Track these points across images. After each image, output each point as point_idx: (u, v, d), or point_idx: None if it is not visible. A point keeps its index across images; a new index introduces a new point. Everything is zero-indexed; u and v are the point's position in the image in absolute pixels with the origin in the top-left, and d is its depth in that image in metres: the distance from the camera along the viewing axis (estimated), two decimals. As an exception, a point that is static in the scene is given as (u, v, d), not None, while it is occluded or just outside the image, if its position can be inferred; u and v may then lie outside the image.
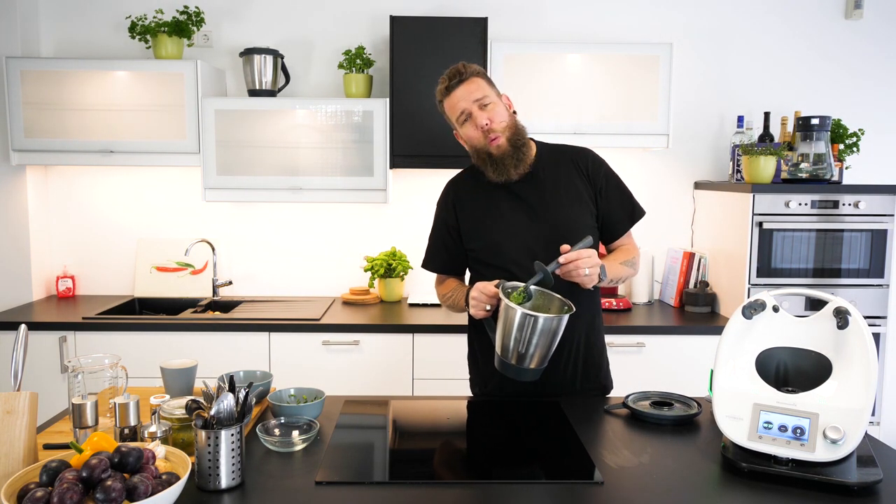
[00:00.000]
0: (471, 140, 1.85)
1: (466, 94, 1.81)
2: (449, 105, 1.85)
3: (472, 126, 1.82)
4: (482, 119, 1.80)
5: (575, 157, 1.92)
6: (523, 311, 1.56)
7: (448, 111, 1.87)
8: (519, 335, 1.58)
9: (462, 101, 1.81)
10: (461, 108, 1.81)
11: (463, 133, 1.87)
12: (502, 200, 1.87)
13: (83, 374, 1.57)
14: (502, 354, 1.63)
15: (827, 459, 1.31)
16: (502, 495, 1.30)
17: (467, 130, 1.84)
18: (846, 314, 1.37)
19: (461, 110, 1.82)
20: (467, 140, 1.87)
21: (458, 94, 1.82)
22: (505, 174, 1.82)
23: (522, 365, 1.62)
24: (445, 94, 1.84)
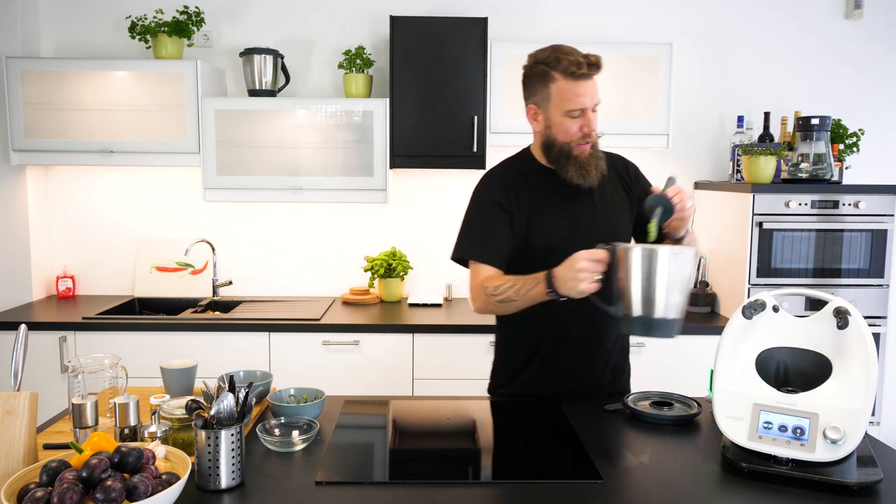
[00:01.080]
0: (565, 134, 1.70)
1: (592, 92, 1.68)
2: (569, 90, 1.66)
3: (577, 124, 1.69)
4: (593, 123, 1.69)
5: (616, 164, 1.89)
6: (673, 249, 1.43)
7: (558, 94, 1.67)
8: (665, 279, 1.43)
9: (586, 97, 1.67)
10: (582, 102, 1.67)
11: (559, 123, 1.70)
12: (563, 203, 1.77)
13: (83, 374, 1.57)
14: (645, 310, 1.47)
15: (827, 459, 1.31)
16: (502, 495, 1.30)
17: (568, 124, 1.69)
18: (846, 314, 1.37)
19: (581, 105, 1.67)
20: (559, 132, 1.71)
21: (587, 86, 1.67)
22: (587, 178, 1.73)
23: (669, 316, 1.47)
24: (572, 77, 1.65)
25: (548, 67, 1.68)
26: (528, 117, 1.79)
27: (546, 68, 1.68)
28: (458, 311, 3.11)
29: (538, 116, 1.76)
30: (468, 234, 1.82)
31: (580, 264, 1.51)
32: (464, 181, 3.40)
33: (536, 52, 1.73)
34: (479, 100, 3.00)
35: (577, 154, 1.72)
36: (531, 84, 1.74)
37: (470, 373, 2.86)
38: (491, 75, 3.00)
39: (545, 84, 1.70)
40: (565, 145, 1.72)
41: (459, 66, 2.99)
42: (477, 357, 2.86)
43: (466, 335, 2.86)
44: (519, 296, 1.66)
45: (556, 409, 1.75)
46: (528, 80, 1.76)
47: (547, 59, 1.68)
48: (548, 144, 1.76)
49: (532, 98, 1.76)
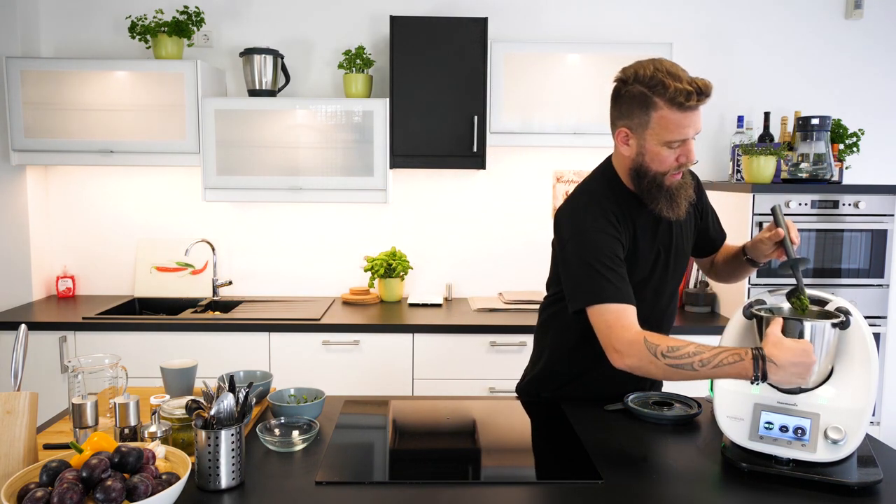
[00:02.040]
0: (661, 164, 1.56)
1: (696, 122, 1.53)
2: (674, 120, 1.50)
3: (675, 154, 1.55)
4: (692, 154, 1.56)
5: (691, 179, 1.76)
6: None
7: (661, 123, 1.51)
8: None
9: (691, 129, 1.52)
10: (686, 134, 1.52)
11: (655, 152, 1.55)
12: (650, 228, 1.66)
13: (83, 374, 1.57)
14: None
15: (828, 460, 1.31)
16: (502, 495, 1.30)
17: (664, 155, 1.54)
18: (846, 314, 1.37)
19: (683, 136, 1.52)
20: (654, 161, 1.56)
21: (694, 116, 1.51)
22: (676, 210, 1.60)
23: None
24: (679, 108, 1.49)
25: (651, 93, 1.50)
26: (618, 140, 1.61)
27: (648, 93, 1.51)
28: (458, 311, 3.11)
29: (629, 141, 1.59)
30: (601, 275, 1.54)
31: (814, 357, 1.32)
32: (464, 181, 3.40)
33: (635, 67, 1.55)
34: (479, 100, 3.00)
35: (668, 184, 1.58)
36: (626, 105, 1.56)
37: (470, 373, 2.86)
38: (491, 75, 3.00)
39: (645, 110, 1.52)
40: (658, 175, 1.57)
41: (459, 66, 2.99)
42: (477, 357, 2.86)
43: (466, 335, 2.86)
44: (705, 367, 1.38)
45: (557, 409, 1.75)
46: (622, 100, 1.57)
47: (650, 83, 1.50)
48: (639, 172, 1.59)
49: (624, 120, 1.58)
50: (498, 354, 2.85)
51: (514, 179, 3.39)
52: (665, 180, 1.58)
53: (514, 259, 3.41)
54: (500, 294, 3.34)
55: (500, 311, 3.08)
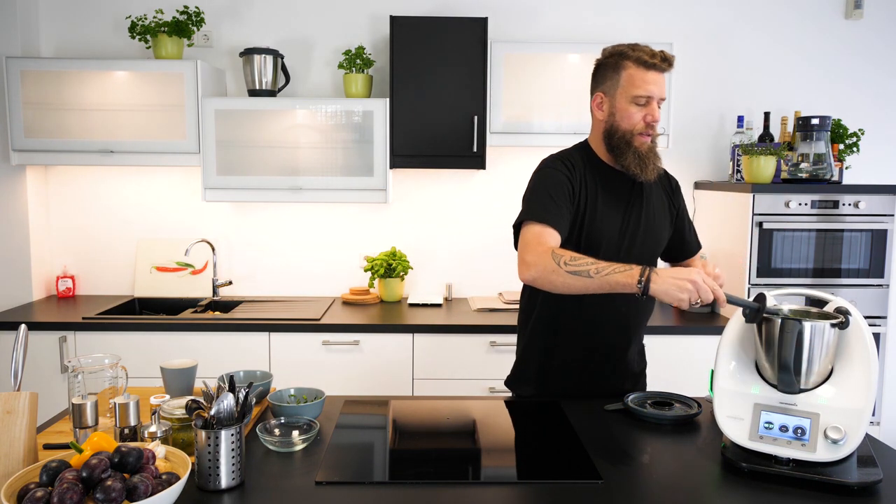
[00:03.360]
0: (629, 121, 1.73)
1: (661, 83, 1.73)
2: (639, 76, 1.71)
3: (642, 112, 1.72)
4: (657, 113, 1.73)
5: (667, 179, 1.94)
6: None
7: (628, 80, 1.72)
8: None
9: (654, 86, 1.71)
10: (650, 91, 1.71)
11: (623, 110, 1.73)
12: (616, 201, 1.79)
13: (83, 374, 1.57)
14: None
15: (828, 459, 1.31)
16: (502, 495, 1.30)
17: (633, 111, 1.72)
18: (846, 314, 1.37)
19: (648, 93, 1.71)
20: (623, 119, 1.74)
21: (656, 77, 1.71)
22: (643, 170, 1.75)
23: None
24: (644, 66, 1.70)
25: (621, 57, 1.73)
26: (593, 106, 1.81)
27: (619, 58, 1.74)
28: (458, 311, 3.11)
29: (603, 105, 1.78)
30: (539, 200, 1.72)
31: (696, 277, 1.44)
32: (464, 181, 3.40)
33: (612, 46, 1.78)
34: (479, 100, 3.00)
35: (637, 145, 1.74)
36: (602, 73, 1.78)
37: (470, 373, 2.86)
38: (491, 75, 3.00)
39: (616, 71, 1.74)
40: (627, 132, 1.74)
41: (459, 66, 2.99)
42: (477, 357, 2.86)
43: (466, 335, 2.86)
44: (599, 274, 1.52)
45: (556, 409, 1.75)
46: (599, 70, 1.80)
47: (622, 50, 1.74)
48: (609, 132, 1.77)
49: (600, 87, 1.79)
50: (498, 354, 2.85)
51: (515, 179, 3.39)
52: (634, 140, 1.74)
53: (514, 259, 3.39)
54: (500, 294, 3.34)
55: (500, 311, 3.08)
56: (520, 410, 1.81)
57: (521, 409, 1.81)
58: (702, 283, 1.44)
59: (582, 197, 1.76)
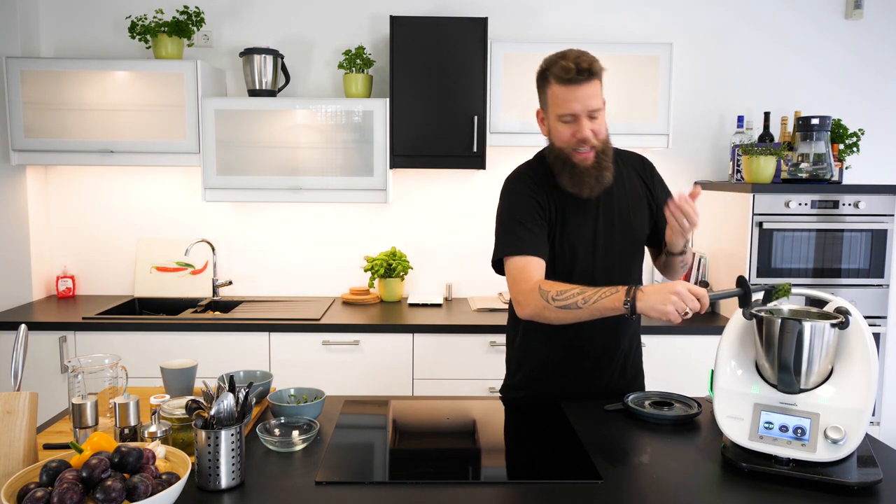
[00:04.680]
0: (560, 139, 1.70)
1: (584, 98, 1.64)
2: (560, 95, 1.65)
3: (570, 129, 1.67)
4: (586, 130, 1.66)
5: (636, 164, 1.89)
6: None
7: (552, 98, 1.68)
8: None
9: (576, 103, 1.64)
10: (572, 109, 1.65)
11: (554, 128, 1.71)
12: (582, 205, 1.76)
13: (83, 374, 1.57)
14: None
15: (828, 459, 1.31)
16: (502, 495, 1.30)
17: (561, 129, 1.69)
18: (846, 314, 1.37)
19: (570, 110, 1.65)
20: (555, 137, 1.72)
21: (578, 92, 1.63)
22: (579, 189, 1.71)
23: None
24: (562, 82, 1.64)
25: (546, 72, 1.69)
26: (538, 121, 1.80)
27: (545, 73, 1.70)
28: (458, 311, 3.11)
29: (544, 120, 1.77)
30: (510, 231, 1.74)
31: (679, 288, 1.47)
32: (464, 181, 3.40)
33: (547, 57, 1.73)
34: (479, 100, 3.00)
35: (576, 161, 1.69)
36: (537, 86, 1.76)
37: (470, 373, 2.86)
38: (491, 75, 3.00)
39: (544, 89, 1.72)
40: (561, 151, 1.71)
41: (459, 66, 2.99)
42: (477, 357, 2.86)
43: (466, 335, 2.86)
44: (587, 304, 1.55)
45: (556, 409, 1.75)
46: (537, 83, 1.77)
47: (548, 63, 1.69)
48: (549, 149, 1.77)
49: (540, 101, 1.78)
50: (498, 354, 2.85)
51: (514, 179, 3.39)
52: (571, 157, 1.69)
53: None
54: (500, 294, 3.34)
55: (500, 311, 3.08)
56: (520, 411, 1.81)
57: (520, 410, 1.81)
58: (685, 292, 1.47)
59: (550, 209, 1.75)
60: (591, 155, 1.70)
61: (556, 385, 1.86)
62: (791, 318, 1.36)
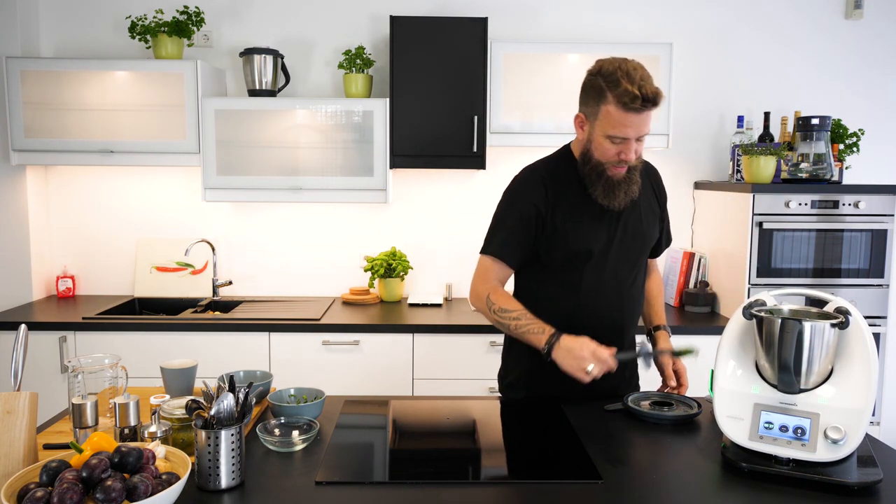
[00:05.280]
0: (602, 154, 1.69)
1: (641, 125, 1.64)
2: (617, 118, 1.63)
3: (617, 149, 1.67)
4: (631, 153, 1.67)
5: (651, 175, 1.92)
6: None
7: (606, 116, 1.65)
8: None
9: (633, 129, 1.64)
10: (626, 133, 1.64)
11: (599, 142, 1.69)
12: (599, 210, 1.77)
13: (83, 374, 1.57)
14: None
15: (828, 459, 1.31)
16: (502, 495, 1.30)
17: (607, 147, 1.68)
18: (846, 314, 1.37)
19: (625, 135, 1.64)
20: (597, 150, 1.70)
21: (637, 119, 1.62)
22: (611, 201, 1.73)
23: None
24: (622, 105, 1.61)
25: (605, 86, 1.63)
26: (575, 123, 1.77)
27: (604, 86, 1.64)
28: (458, 311, 3.11)
29: (584, 126, 1.74)
30: (494, 231, 1.82)
31: (585, 353, 1.61)
32: (464, 181, 3.40)
33: (605, 61, 1.68)
34: (479, 100, 3.00)
35: (610, 174, 1.71)
36: (586, 93, 1.72)
37: (470, 373, 2.86)
38: (491, 75, 3.00)
39: (598, 101, 1.66)
40: (599, 164, 1.71)
41: (459, 66, 2.99)
42: (477, 357, 2.86)
43: (466, 335, 2.86)
44: (517, 331, 1.73)
45: (556, 409, 1.75)
46: (585, 88, 1.72)
47: (609, 78, 1.63)
48: (584, 157, 1.75)
49: (583, 107, 1.74)
50: (498, 354, 2.83)
51: (514, 179, 3.39)
52: (607, 170, 1.71)
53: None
54: (500, 294, 3.34)
55: (500, 311, 3.08)
56: (519, 410, 1.81)
57: (520, 410, 1.81)
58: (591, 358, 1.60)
59: (560, 213, 1.75)
60: (624, 169, 1.71)
61: (553, 384, 1.85)
62: (791, 318, 1.36)
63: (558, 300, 1.80)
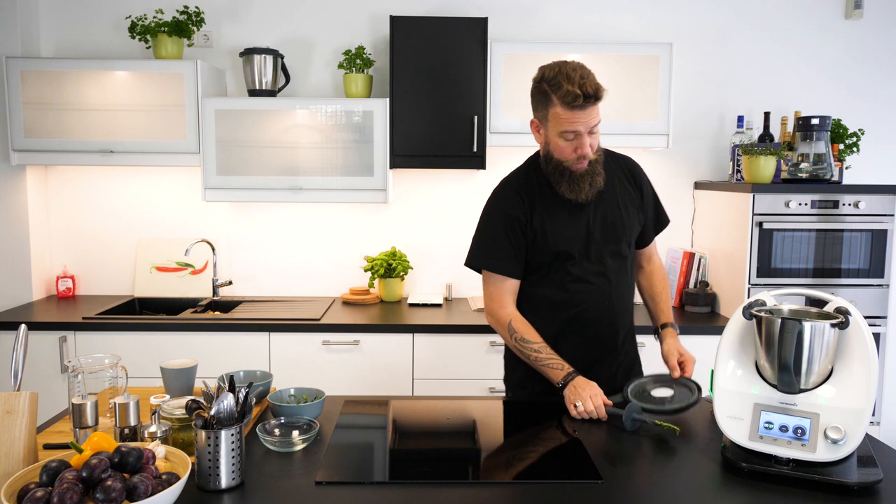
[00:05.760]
0: (560, 153, 1.77)
1: (587, 119, 1.71)
2: (564, 117, 1.71)
3: (572, 146, 1.74)
4: (586, 147, 1.74)
5: (625, 166, 1.95)
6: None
7: (554, 118, 1.73)
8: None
9: (580, 124, 1.71)
10: (575, 128, 1.72)
11: (555, 142, 1.77)
12: (574, 208, 1.83)
13: (83, 374, 1.57)
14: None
15: (828, 459, 1.31)
16: (502, 495, 1.30)
17: (562, 145, 1.75)
18: (846, 314, 1.37)
19: (574, 130, 1.72)
20: (555, 150, 1.78)
21: (583, 114, 1.70)
22: (577, 194, 1.79)
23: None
24: (566, 104, 1.69)
25: (549, 90, 1.72)
26: (531, 128, 1.86)
27: (548, 90, 1.73)
28: (458, 311, 3.11)
29: (540, 130, 1.83)
30: (484, 244, 1.89)
31: (584, 395, 1.69)
32: (464, 181, 3.40)
33: (545, 67, 1.77)
34: (479, 100, 3.00)
35: (573, 170, 1.78)
36: (535, 100, 1.80)
37: (470, 373, 2.86)
38: (491, 75, 3.00)
39: (545, 105, 1.75)
40: (559, 163, 1.79)
41: (459, 66, 2.99)
42: (477, 357, 2.86)
43: (466, 335, 2.86)
44: (536, 363, 1.81)
45: (556, 409, 1.75)
46: (533, 96, 1.81)
47: (551, 82, 1.72)
48: (546, 159, 1.84)
49: (536, 113, 1.82)
50: (498, 354, 2.85)
51: (514, 179, 3.39)
52: (569, 167, 1.78)
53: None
54: (500, 294, 3.34)
55: (500, 311, 3.08)
56: (519, 411, 1.81)
57: (520, 410, 1.81)
58: (590, 406, 1.67)
59: (538, 218, 1.83)
60: (586, 164, 1.78)
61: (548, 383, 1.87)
62: (791, 318, 1.36)
63: (550, 296, 1.86)
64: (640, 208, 1.93)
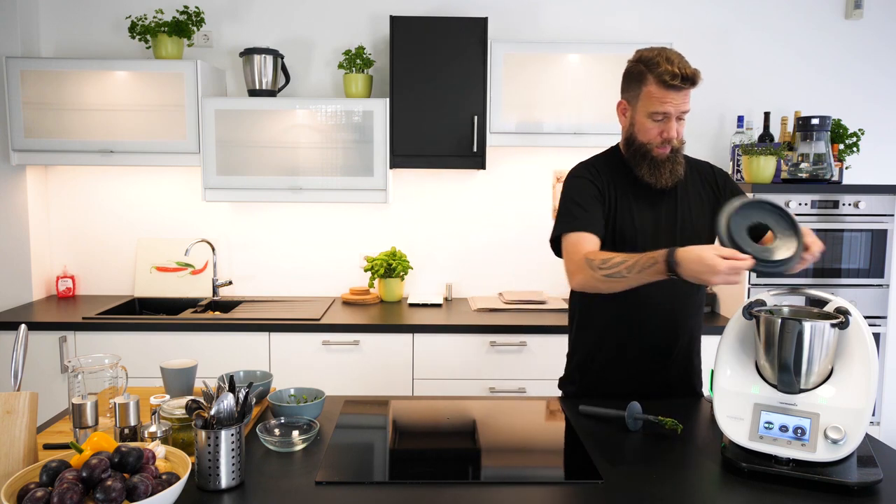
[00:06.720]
0: (645, 135, 1.76)
1: (681, 102, 1.73)
2: (657, 96, 1.71)
3: (659, 128, 1.74)
4: (672, 130, 1.74)
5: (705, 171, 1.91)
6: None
7: (647, 96, 1.74)
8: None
9: (672, 106, 1.71)
10: (667, 110, 1.72)
11: (641, 123, 1.76)
12: (648, 199, 1.81)
13: (83, 374, 1.57)
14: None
15: (828, 459, 1.31)
16: (502, 495, 1.30)
17: (648, 126, 1.75)
18: (846, 314, 1.37)
19: (665, 111, 1.72)
20: (640, 132, 1.77)
21: (676, 96, 1.71)
22: (657, 178, 1.77)
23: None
24: (663, 84, 1.70)
25: (645, 69, 1.73)
26: (618, 110, 1.85)
27: (644, 69, 1.73)
28: (458, 311, 3.11)
29: (626, 112, 1.82)
30: (567, 211, 1.80)
31: (715, 262, 1.43)
32: (464, 181, 3.40)
33: (643, 49, 1.78)
34: (479, 100, 3.00)
35: (654, 155, 1.77)
36: (628, 80, 1.80)
37: (470, 373, 2.86)
38: (491, 75, 3.00)
39: (639, 84, 1.75)
40: (643, 145, 1.77)
41: (459, 65, 2.99)
42: (477, 357, 2.86)
43: (466, 335, 2.86)
44: (631, 273, 1.60)
45: (556, 409, 1.75)
46: (626, 76, 1.81)
47: (648, 61, 1.73)
48: (629, 141, 1.82)
49: (625, 94, 1.82)
50: (498, 354, 2.85)
51: (514, 179, 3.39)
52: (651, 151, 1.76)
53: (514, 259, 3.41)
54: (500, 294, 3.34)
55: (500, 311, 3.08)
56: (520, 410, 1.81)
57: (520, 409, 1.81)
58: (723, 268, 1.43)
59: (610, 198, 1.80)
60: (668, 149, 1.77)
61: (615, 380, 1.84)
62: (791, 318, 1.36)
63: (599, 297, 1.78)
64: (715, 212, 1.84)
